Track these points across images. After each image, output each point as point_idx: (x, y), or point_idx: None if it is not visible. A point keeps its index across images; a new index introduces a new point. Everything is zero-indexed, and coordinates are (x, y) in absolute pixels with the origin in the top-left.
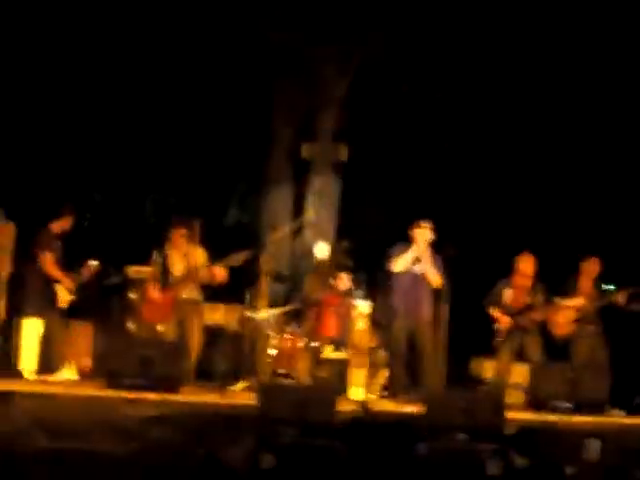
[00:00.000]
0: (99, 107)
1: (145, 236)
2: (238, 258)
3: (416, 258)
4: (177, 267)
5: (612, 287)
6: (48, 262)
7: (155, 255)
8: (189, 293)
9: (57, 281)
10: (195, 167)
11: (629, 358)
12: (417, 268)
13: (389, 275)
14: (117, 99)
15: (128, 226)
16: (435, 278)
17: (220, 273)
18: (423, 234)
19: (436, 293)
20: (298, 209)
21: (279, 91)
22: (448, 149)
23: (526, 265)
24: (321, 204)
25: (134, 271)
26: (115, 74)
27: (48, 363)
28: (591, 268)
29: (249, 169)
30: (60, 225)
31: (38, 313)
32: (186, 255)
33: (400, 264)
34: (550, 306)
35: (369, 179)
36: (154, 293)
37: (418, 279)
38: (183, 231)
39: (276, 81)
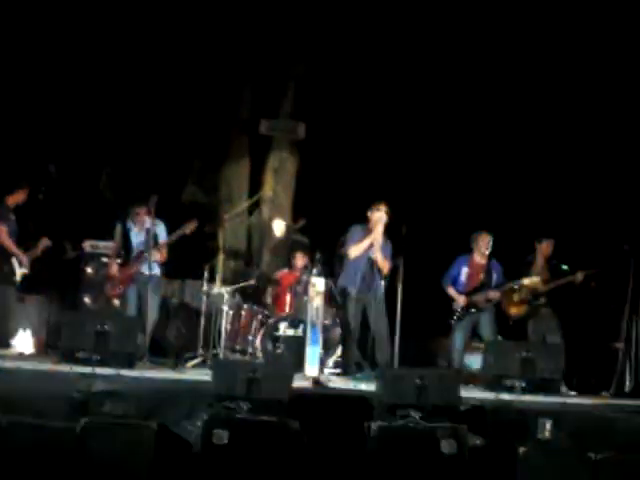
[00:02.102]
0: (55, 79)
1: (101, 211)
2: (187, 228)
3: (371, 243)
4: (135, 241)
5: (567, 267)
6: (2, 235)
7: (116, 230)
8: (146, 268)
9: (11, 255)
10: (153, 142)
11: (582, 339)
12: (371, 252)
13: (343, 258)
14: (73, 71)
15: (84, 200)
16: (383, 265)
17: (163, 254)
18: (379, 217)
19: (392, 273)
20: (255, 186)
21: (238, 67)
22: (405, 128)
23: (483, 244)
24: (278, 181)
25: (90, 245)
26: (71, 45)
27: (2, 337)
28: (545, 248)
29: (207, 145)
30: (14, 198)
31: None
32: (144, 230)
33: (355, 251)
34: (505, 285)
35: (326, 157)
36: (114, 268)
37: (372, 261)
38: (144, 207)
39: (235, 58)
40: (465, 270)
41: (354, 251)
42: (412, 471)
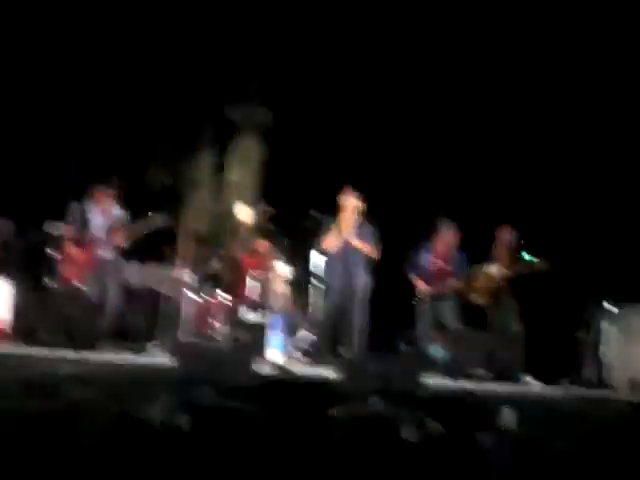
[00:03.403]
0: (19, 62)
1: (66, 192)
2: (155, 223)
3: (341, 233)
4: (96, 224)
5: (529, 256)
6: None
7: (71, 210)
8: (108, 251)
9: None
10: (118, 125)
11: (544, 327)
12: (348, 239)
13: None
14: (39, 54)
15: (48, 182)
16: (365, 250)
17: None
18: (349, 201)
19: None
20: (220, 170)
21: (203, 52)
22: (373, 113)
23: (446, 231)
24: (243, 166)
25: (54, 228)
26: (37, 28)
27: None
28: (505, 237)
29: (172, 129)
30: None
31: None
32: (106, 212)
33: (331, 243)
34: (468, 273)
35: (292, 143)
36: (72, 250)
37: (350, 250)
38: (105, 188)
39: (201, 44)
40: (429, 258)
41: (328, 242)
42: (374, 457)
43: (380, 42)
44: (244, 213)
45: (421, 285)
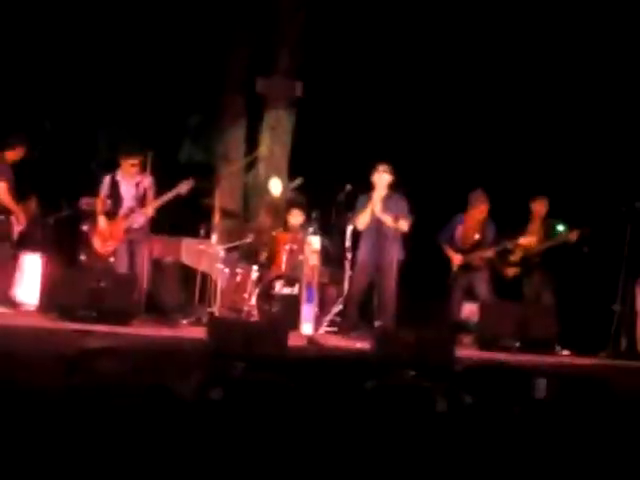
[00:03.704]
0: (53, 36)
1: (98, 168)
2: (182, 188)
3: (374, 210)
4: (127, 196)
5: (563, 227)
6: (3, 191)
7: (104, 183)
8: (138, 220)
9: (10, 211)
10: (150, 100)
11: (577, 298)
12: (378, 216)
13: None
14: (69, 29)
15: (80, 157)
16: (396, 224)
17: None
18: (381, 178)
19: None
20: (252, 144)
21: (233, 24)
22: (403, 86)
23: (479, 202)
24: (275, 140)
25: (86, 203)
26: (68, 3)
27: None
28: (539, 208)
29: (203, 103)
30: (14, 154)
31: None
32: (137, 184)
33: (362, 221)
34: (500, 244)
35: (324, 116)
36: (104, 223)
37: (381, 226)
38: (134, 160)
39: (231, 14)
40: (460, 228)
41: (359, 221)
42: (407, 429)
43: (413, 13)
44: (277, 186)
45: (453, 256)
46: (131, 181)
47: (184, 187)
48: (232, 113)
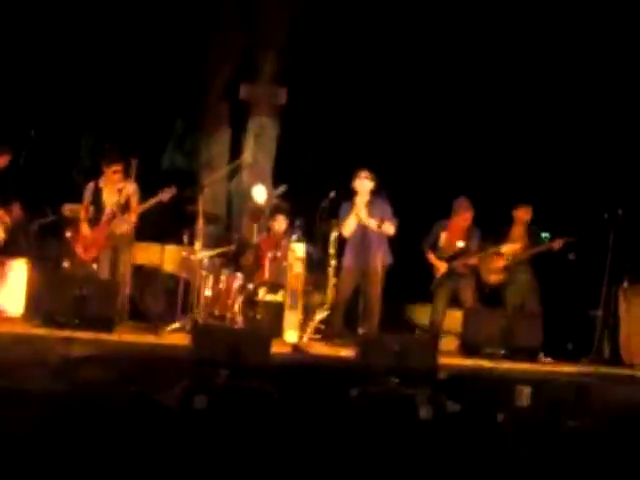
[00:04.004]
0: (37, 45)
1: (80, 175)
2: (164, 195)
3: (359, 216)
4: (110, 202)
5: (547, 235)
6: None
7: (86, 189)
8: (120, 228)
9: None
10: (133, 107)
11: (561, 305)
12: (364, 221)
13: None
14: (54, 38)
15: (63, 164)
16: (381, 229)
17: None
18: (363, 184)
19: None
20: (235, 151)
21: (217, 30)
22: (387, 93)
23: (463, 209)
24: (259, 146)
25: (70, 210)
26: (51, 9)
27: None
28: (523, 215)
29: (186, 110)
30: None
31: None
32: (120, 191)
33: (348, 228)
34: (484, 251)
35: (307, 123)
36: (86, 230)
37: (366, 232)
38: (117, 167)
39: (214, 19)
40: (444, 235)
41: (345, 228)
42: (391, 437)
43: (396, 20)
44: (260, 193)
45: (437, 263)
46: (114, 188)
47: (166, 194)
48: (216, 119)
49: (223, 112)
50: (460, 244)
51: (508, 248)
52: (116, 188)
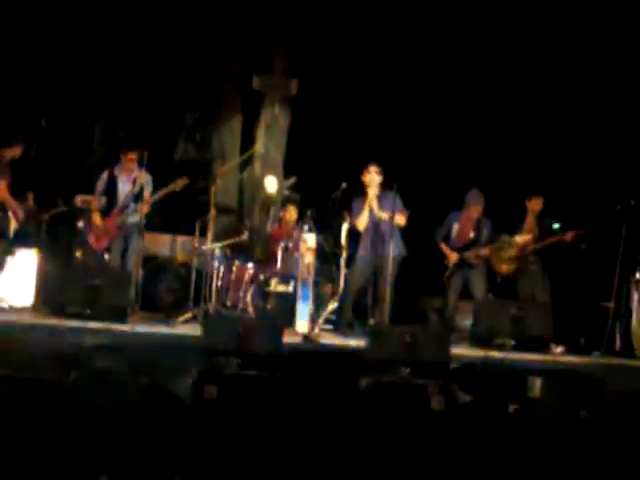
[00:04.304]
0: (50, 35)
1: (93, 165)
2: (177, 185)
3: (371, 208)
4: (123, 192)
5: (559, 225)
6: (2, 189)
7: (101, 178)
8: (132, 218)
9: (8, 208)
10: (145, 98)
11: (572, 296)
12: (374, 215)
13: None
14: (65, 26)
15: (76, 155)
16: (395, 221)
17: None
18: (373, 179)
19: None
20: (247, 142)
21: (230, 22)
22: (397, 84)
23: (475, 200)
24: (270, 137)
25: (82, 200)
26: (66, 2)
27: None
28: (535, 206)
29: (199, 101)
30: (11, 152)
31: None
32: (134, 180)
33: (362, 223)
34: (496, 242)
35: (319, 114)
36: (98, 219)
37: (378, 223)
38: (133, 155)
39: (227, 12)
40: (456, 226)
41: (359, 223)
42: (402, 427)
43: (407, 12)
44: (272, 184)
45: (449, 254)
46: (128, 177)
47: (178, 184)
48: (228, 110)
49: (235, 103)
50: (472, 235)
51: (520, 239)
52: (130, 177)
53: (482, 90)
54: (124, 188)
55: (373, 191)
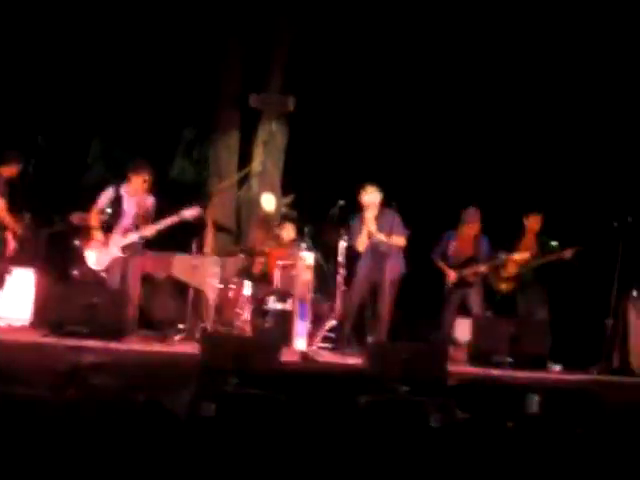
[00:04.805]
0: (47, 51)
1: (90, 183)
2: (187, 214)
3: (370, 231)
4: (129, 213)
5: (556, 243)
6: (0, 208)
7: (104, 195)
8: (133, 237)
9: (5, 227)
10: (142, 115)
11: (569, 313)
12: (374, 238)
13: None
14: (61, 42)
15: (72, 173)
16: (393, 241)
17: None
18: (370, 198)
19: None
20: (244, 159)
21: (227, 39)
22: (394, 102)
23: (472, 218)
24: (267, 155)
25: (79, 218)
26: (60, 14)
27: None
28: (533, 223)
29: (196, 118)
30: (8, 170)
31: None
32: (139, 203)
33: (361, 244)
34: (494, 260)
35: (316, 131)
36: (99, 236)
37: (378, 242)
38: (146, 175)
39: (225, 30)
40: (454, 244)
41: (358, 245)
42: (401, 444)
43: (403, 31)
44: (269, 202)
45: (447, 271)
46: (134, 198)
47: (189, 214)
48: (225, 128)
49: (233, 120)
50: (469, 253)
51: (518, 257)
52: (136, 199)
53: (480, 108)
54: (130, 209)
55: (371, 213)
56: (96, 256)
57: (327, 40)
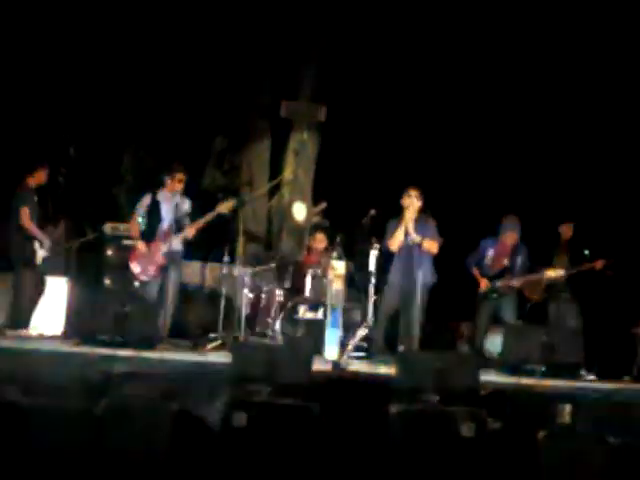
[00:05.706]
0: (79, 62)
1: (122, 193)
2: (224, 207)
3: (406, 231)
4: (167, 218)
5: (588, 252)
6: (25, 217)
7: (141, 203)
8: (176, 246)
9: (33, 237)
10: (174, 125)
11: (603, 323)
12: (409, 239)
13: (387, 252)
14: (94, 52)
15: (104, 183)
16: (428, 245)
17: (191, 232)
18: (412, 202)
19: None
20: (276, 169)
21: (260, 49)
22: (427, 110)
23: (510, 227)
24: (299, 164)
25: (110, 227)
26: (93, 25)
27: (22, 319)
28: (566, 233)
29: (227, 127)
30: (35, 179)
31: (12, 268)
32: (176, 206)
33: (395, 243)
34: (529, 276)
35: (348, 140)
36: (142, 247)
37: (411, 248)
38: (182, 176)
39: (256, 39)
40: (491, 253)
41: (391, 243)
42: (432, 454)
43: (436, 39)
44: (300, 210)
45: (481, 280)
46: (171, 202)
47: (224, 207)
48: (257, 137)
49: (264, 129)
50: (505, 262)
51: (551, 273)
52: (173, 202)
53: (515, 117)
54: (167, 214)
55: (411, 214)
56: (141, 266)
57: (358, 49)
